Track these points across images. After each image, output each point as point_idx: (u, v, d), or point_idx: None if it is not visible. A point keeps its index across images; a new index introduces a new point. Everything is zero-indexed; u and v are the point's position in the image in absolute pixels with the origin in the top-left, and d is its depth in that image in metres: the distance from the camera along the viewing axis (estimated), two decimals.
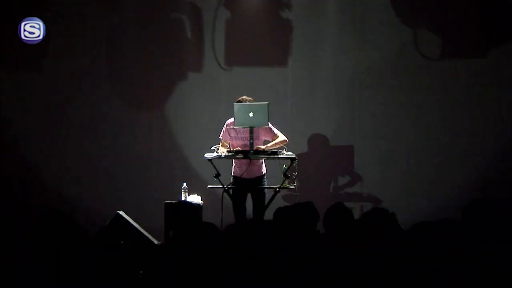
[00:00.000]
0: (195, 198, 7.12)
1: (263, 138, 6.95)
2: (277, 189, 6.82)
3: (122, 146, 8.42)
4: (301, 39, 8.47)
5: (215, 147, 6.91)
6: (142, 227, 6.69)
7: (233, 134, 6.96)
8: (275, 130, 6.94)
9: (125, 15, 8.40)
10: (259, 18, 8.51)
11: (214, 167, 6.78)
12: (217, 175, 6.79)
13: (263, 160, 6.98)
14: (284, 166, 6.78)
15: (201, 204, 7.08)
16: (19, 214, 7.69)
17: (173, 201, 6.97)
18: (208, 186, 6.98)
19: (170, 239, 5.67)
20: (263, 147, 6.83)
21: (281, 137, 6.93)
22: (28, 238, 3.16)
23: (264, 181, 6.98)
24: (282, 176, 6.78)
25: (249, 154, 6.72)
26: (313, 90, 8.51)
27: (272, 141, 6.90)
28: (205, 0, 8.49)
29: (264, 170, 7.00)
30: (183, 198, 7.06)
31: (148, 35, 8.42)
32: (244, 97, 6.89)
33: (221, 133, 7.02)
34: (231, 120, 6.87)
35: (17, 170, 8.27)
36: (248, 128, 6.79)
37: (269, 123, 6.82)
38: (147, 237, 6.53)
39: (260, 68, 8.47)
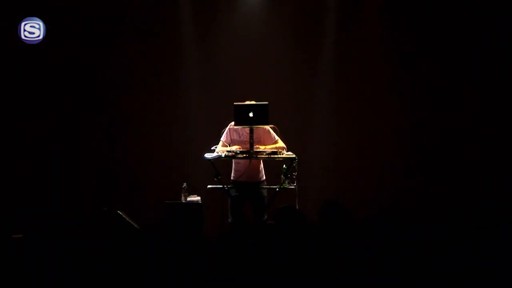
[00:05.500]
0: (195, 198, 7.12)
1: (266, 143, 6.95)
2: (277, 189, 6.83)
3: (122, 146, 8.43)
4: (301, 39, 8.48)
5: (215, 147, 6.93)
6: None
7: (235, 136, 6.98)
8: (276, 137, 6.95)
9: (126, 15, 8.40)
10: (259, 19, 8.52)
11: (214, 167, 6.79)
12: (217, 175, 6.80)
13: (262, 166, 6.99)
14: (284, 166, 6.80)
15: (201, 204, 7.08)
16: (20, 214, 7.70)
17: (173, 201, 6.98)
18: (208, 186, 6.98)
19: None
20: (262, 147, 6.85)
21: (280, 143, 6.95)
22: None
23: (263, 187, 6.99)
24: (282, 176, 6.79)
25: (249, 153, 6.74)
26: (313, 90, 8.52)
27: (271, 145, 6.92)
28: (205, 2, 8.50)
29: (263, 176, 7.02)
30: (183, 198, 7.06)
31: (149, 36, 8.43)
32: (247, 102, 6.90)
33: (223, 134, 7.03)
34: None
35: (17, 170, 8.28)
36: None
37: (270, 129, 6.83)
38: None
39: (260, 68, 8.48)
